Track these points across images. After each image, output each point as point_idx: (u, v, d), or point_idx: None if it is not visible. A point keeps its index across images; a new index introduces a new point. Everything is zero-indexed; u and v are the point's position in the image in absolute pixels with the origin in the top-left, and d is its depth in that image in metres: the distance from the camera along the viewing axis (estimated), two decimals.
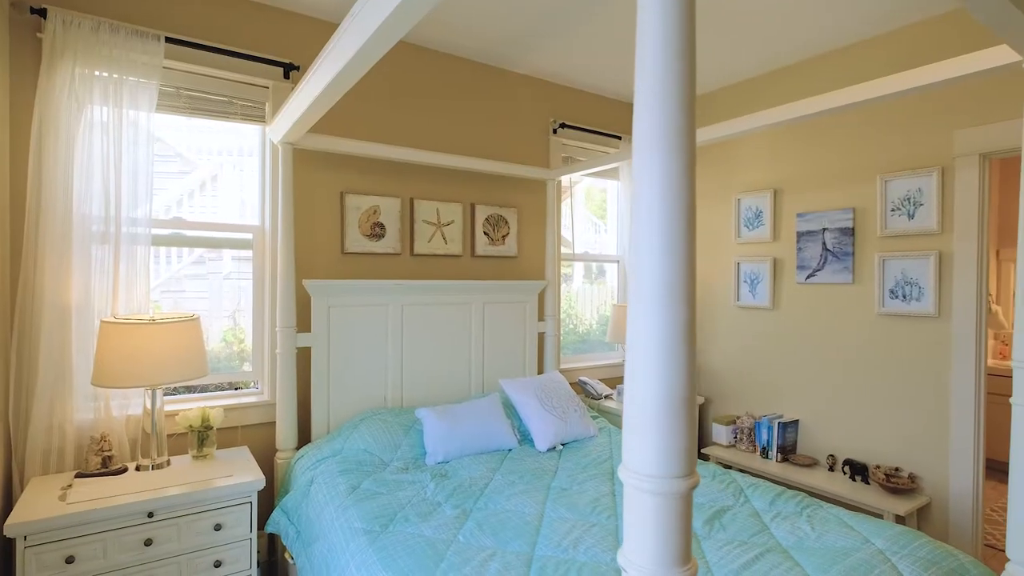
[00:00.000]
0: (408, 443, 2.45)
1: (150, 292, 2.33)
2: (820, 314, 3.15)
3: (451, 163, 2.97)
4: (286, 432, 2.51)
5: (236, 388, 2.68)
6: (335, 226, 2.82)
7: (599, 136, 3.78)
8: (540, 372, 3.50)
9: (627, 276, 3.05)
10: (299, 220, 2.73)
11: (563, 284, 3.90)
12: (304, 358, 2.74)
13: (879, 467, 2.82)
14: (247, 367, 2.70)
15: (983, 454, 2.59)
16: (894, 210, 2.83)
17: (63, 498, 1.86)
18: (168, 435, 2.41)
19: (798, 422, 3.25)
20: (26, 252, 2.06)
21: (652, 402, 0.65)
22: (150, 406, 2.15)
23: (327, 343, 2.65)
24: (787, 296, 3.32)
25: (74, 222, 2.12)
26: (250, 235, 2.68)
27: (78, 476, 2.03)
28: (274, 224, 2.66)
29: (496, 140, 3.36)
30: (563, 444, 2.69)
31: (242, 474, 2.12)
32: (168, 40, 2.33)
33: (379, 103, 2.94)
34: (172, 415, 2.39)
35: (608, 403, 3.39)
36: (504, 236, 3.38)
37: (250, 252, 2.69)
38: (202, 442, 2.29)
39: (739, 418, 3.44)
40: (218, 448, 2.50)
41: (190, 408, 2.36)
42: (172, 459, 2.27)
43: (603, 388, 3.58)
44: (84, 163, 2.13)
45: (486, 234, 3.31)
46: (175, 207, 2.57)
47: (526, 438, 2.73)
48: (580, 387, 3.65)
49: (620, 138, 3.87)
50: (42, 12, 2.08)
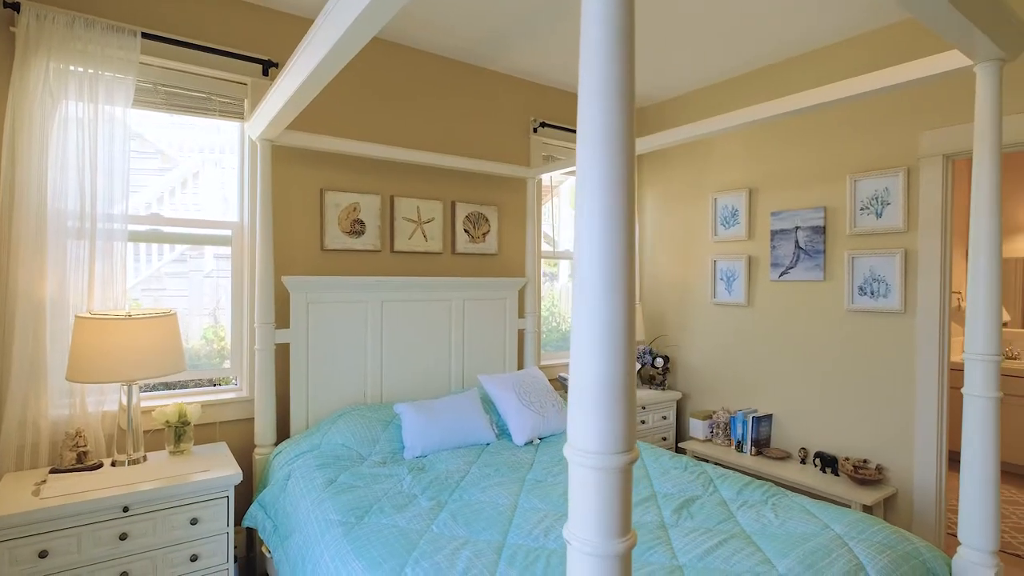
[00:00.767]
0: (386, 438, 2.47)
1: (128, 290, 2.33)
2: (793, 311, 3.23)
3: (431, 161, 3.00)
4: (265, 428, 2.51)
5: (215, 384, 2.68)
6: (315, 223, 2.83)
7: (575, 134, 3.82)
8: (520, 368, 3.53)
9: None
10: (278, 217, 2.74)
11: (548, 283, 3.94)
12: (283, 354, 2.75)
13: (848, 459, 2.90)
14: (227, 364, 2.71)
15: (946, 446, 2.68)
16: (863, 209, 2.91)
17: (37, 493, 1.86)
18: (145, 431, 2.41)
19: (772, 416, 3.33)
20: None
21: (593, 384, 0.69)
22: (126, 402, 2.15)
23: (306, 339, 2.66)
24: (761, 293, 3.39)
25: (49, 217, 2.11)
26: (229, 232, 2.68)
27: (52, 472, 2.02)
28: (253, 221, 2.66)
29: (477, 138, 3.39)
30: (540, 438, 2.74)
31: (219, 469, 2.12)
32: (145, 36, 2.33)
33: (360, 101, 2.96)
34: (149, 411, 2.39)
35: None
36: (484, 234, 3.41)
37: (230, 249, 2.69)
38: (179, 438, 2.29)
39: (715, 413, 3.51)
40: (196, 444, 2.50)
41: (167, 404, 2.36)
42: (149, 455, 2.27)
43: None
44: (59, 158, 2.13)
45: (466, 231, 3.34)
46: (155, 204, 2.57)
47: (504, 432, 2.76)
48: (560, 383, 3.69)
49: None
50: (15, 6, 2.07)
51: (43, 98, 2.09)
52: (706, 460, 3.35)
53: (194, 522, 2.03)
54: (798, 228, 3.18)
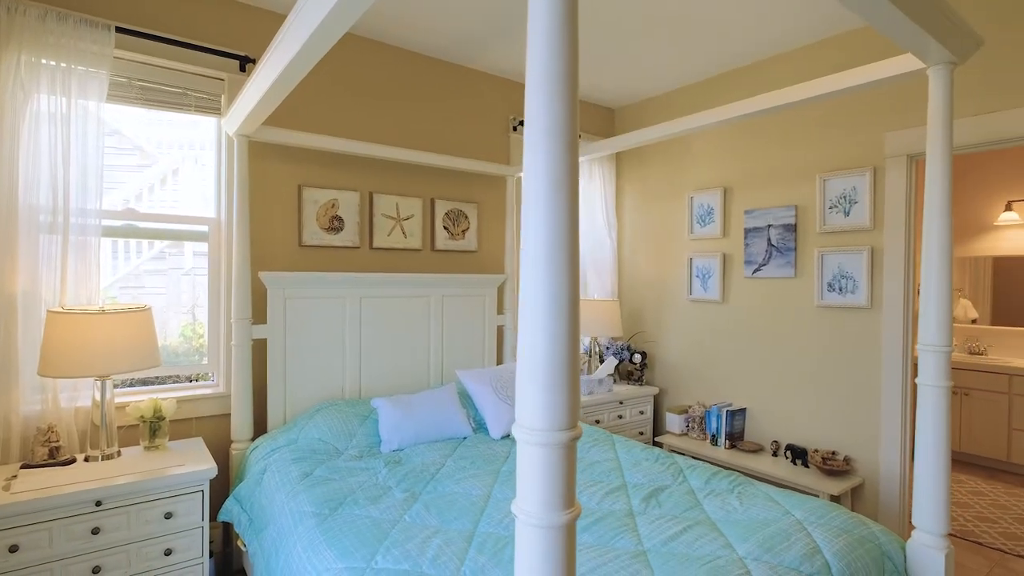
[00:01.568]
0: (363, 432, 2.49)
1: (106, 287, 2.32)
2: (766, 307, 3.30)
3: (410, 158, 3.02)
4: (241, 423, 2.52)
5: (192, 381, 2.68)
6: (292, 219, 2.84)
7: None
8: (499, 363, 3.57)
9: (587, 269, 3.15)
10: (256, 213, 2.74)
11: None
12: (261, 350, 2.76)
13: (817, 451, 2.98)
14: (204, 361, 2.70)
15: (911, 438, 2.76)
16: (832, 207, 2.99)
17: (7, 488, 1.85)
18: (119, 427, 2.40)
19: (745, 410, 3.40)
20: None
21: (539, 365, 0.73)
22: (99, 397, 2.14)
23: (283, 335, 2.67)
24: (736, 290, 3.46)
25: (20, 212, 2.10)
26: (206, 228, 2.68)
27: (24, 467, 2.01)
28: (230, 216, 2.66)
29: (456, 136, 3.42)
30: None
31: (194, 463, 2.13)
32: (119, 30, 2.32)
33: (340, 98, 2.97)
34: (123, 407, 2.39)
35: None
36: (464, 231, 3.44)
37: (207, 245, 2.69)
38: (154, 433, 2.29)
39: (691, 408, 3.57)
40: (171, 440, 2.50)
41: (141, 400, 2.36)
42: (123, 450, 2.27)
43: None
44: (31, 152, 2.12)
45: (446, 229, 3.36)
46: (134, 201, 2.56)
47: (481, 426, 2.80)
48: None
49: (579, 137, 3.96)
50: None
51: (14, 91, 2.08)
52: (682, 454, 3.41)
53: (168, 516, 2.03)
54: (770, 226, 3.26)
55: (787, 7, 2.68)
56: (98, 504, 1.90)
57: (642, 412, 3.71)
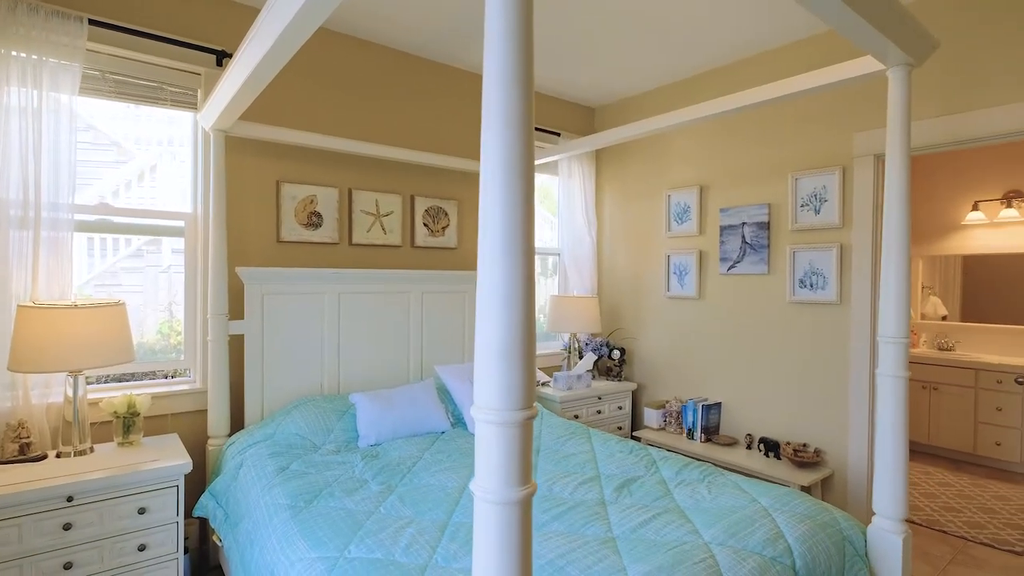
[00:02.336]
0: (341, 427, 2.50)
1: (76, 283, 2.29)
2: (740, 303, 3.37)
3: (390, 155, 3.03)
4: (218, 419, 2.51)
5: (169, 377, 2.66)
6: (271, 214, 2.84)
7: (537, 132, 3.90)
8: None
9: (567, 266, 3.21)
10: (233, 208, 2.73)
11: None
12: (238, 346, 2.75)
13: (789, 444, 3.05)
14: (182, 358, 2.68)
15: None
16: (803, 206, 3.07)
17: None
18: (92, 423, 2.38)
19: (721, 404, 3.47)
20: None
21: (495, 347, 0.75)
22: (71, 393, 2.12)
23: (261, 331, 2.66)
24: (712, 287, 3.53)
25: None
26: (182, 223, 2.67)
27: None
28: (206, 211, 2.65)
29: (436, 133, 3.43)
30: None
31: (169, 459, 2.12)
32: (92, 22, 2.30)
33: (319, 94, 2.97)
34: (96, 403, 2.37)
35: (545, 390, 3.52)
36: (444, 228, 3.46)
37: (183, 241, 2.67)
38: (128, 429, 2.28)
39: (668, 402, 3.63)
40: (146, 436, 2.48)
41: (115, 396, 2.34)
42: (96, 447, 2.25)
43: (541, 376, 3.70)
44: (0, 145, 2.09)
45: (426, 225, 3.38)
46: (110, 197, 2.53)
47: (459, 421, 2.82)
48: None
49: (559, 135, 4.00)
50: None
51: None
52: (658, 448, 3.47)
53: (142, 511, 2.02)
54: (744, 224, 3.33)
55: (763, 10, 2.75)
56: (69, 500, 1.89)
57: (620, 407, 3.76)
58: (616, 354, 3.87)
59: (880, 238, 2.83)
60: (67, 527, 1.88)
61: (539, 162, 3.36)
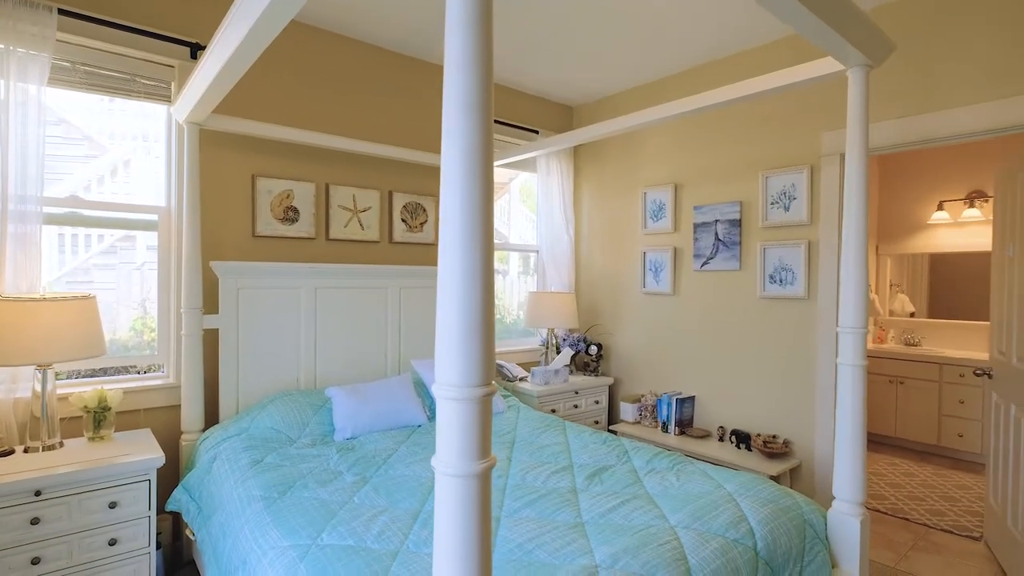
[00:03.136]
0: (317, 421, 2.50)
1: (46, 279, 2.26)
2: (713, 299, 3.45)
3: (368, 150, 3.04)
4: (192, 414, 2.50)
5: (141, 373, 2.63)
6: (246, 209, 2.82)
7: (516, 130, 3.94)
8: None
9: (545, 263, 3.25)
10: (208, 202, 2.71)
11: (498, 277, 4.07)
12: (213, 341, 2.73)
13: (759, 435, 3.13)
14: (155, 353, 2.66)
15: None
16: (773, 203, 3.15)
17: None
18: (62, 418, 2.35)
19: (694, 398, 3.54)
20: None
21: (455, 325, 0.78)
22: (39, 388, 2.09)
23: (236, 325, 2.65)
24: (685, 283, 3.60)
25: None
26: (155, 216, 2.64)
27: None
28: (180, 205, 2.63)
29: (415, 129, 3.44)
30: None
31: (141, 453, 2.11)
32: (62, 12, 2.27)
33: (296, 89, 2.96)
34: (66, 397, 2.34)
35: (523, 385, 3.55)
36: (422, 223, 3.47)
37: (157, 235, 2.65)
38: (99, 424, 2.25)
39: (644, 396, 3.69)
40: (118, 431, 2.46)
41: (85, 391, 2.31)
42: (66, 442, 2.22)
43: (519, 371, 3.74)
44: None
45: (404, 221, 3.39)
46: (82, 192, 2.50)
47: (436, 415, 2.83)
48: (497, 370, 3.79)
49: (538, 132, 4.04)
50: None
51: None
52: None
53: (113, 506, 2.01)
54: (717, 221, 3.40)
55: (736, 12, 2.81)
56: (37, 494, 1.87)
57: (597, 401, 3.81)
58: (593, 349, 3.92)
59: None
60: (35, 521, 1.86)
61: (517, 158, 3.39)
